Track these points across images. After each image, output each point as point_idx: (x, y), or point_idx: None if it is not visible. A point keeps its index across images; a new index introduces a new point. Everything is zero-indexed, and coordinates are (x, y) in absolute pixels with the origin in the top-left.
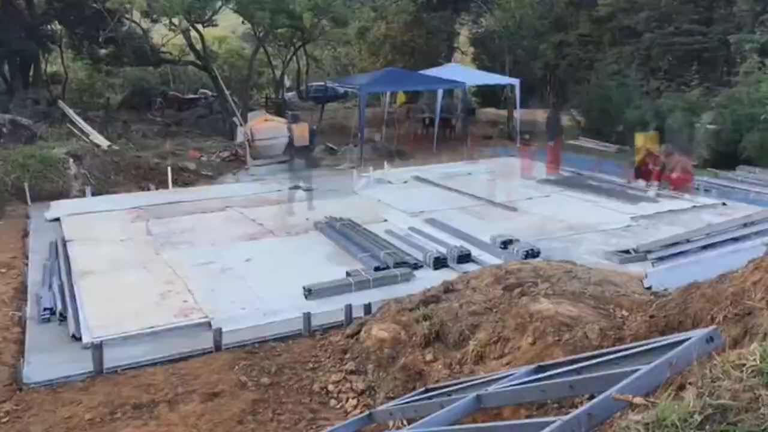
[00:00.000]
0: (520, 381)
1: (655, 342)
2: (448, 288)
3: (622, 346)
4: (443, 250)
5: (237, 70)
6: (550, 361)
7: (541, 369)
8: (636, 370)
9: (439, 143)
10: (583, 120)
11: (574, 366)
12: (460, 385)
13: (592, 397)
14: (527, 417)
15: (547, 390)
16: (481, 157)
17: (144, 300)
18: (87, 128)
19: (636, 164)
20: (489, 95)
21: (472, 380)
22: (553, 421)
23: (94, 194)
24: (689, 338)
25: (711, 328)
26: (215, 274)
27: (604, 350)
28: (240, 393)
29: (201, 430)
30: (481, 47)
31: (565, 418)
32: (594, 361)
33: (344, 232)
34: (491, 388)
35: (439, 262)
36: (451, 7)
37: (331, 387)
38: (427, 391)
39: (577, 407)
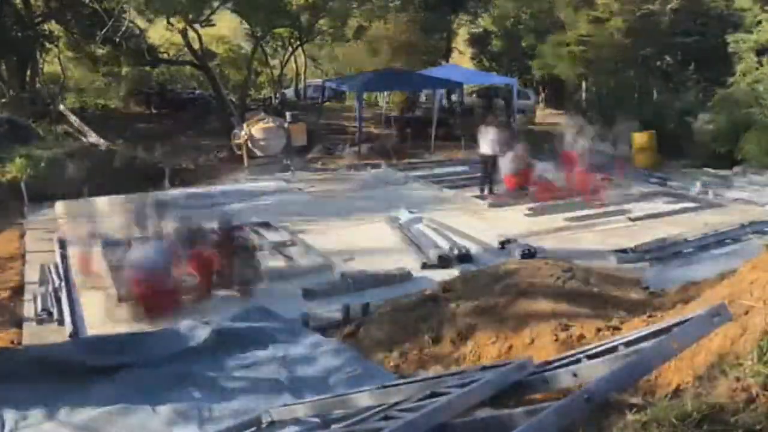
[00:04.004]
0: (524, 374)
1: (659, 325)
2: (446, 288)
3: (622, 335)
4: (442, 249)
5: (235, 70)
6: (552, 357)
7: (544, 365)
8: (640, 350)
9: (436, 143)
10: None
11: (576, 357)
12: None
13: None
14: None
15: (551, 380)
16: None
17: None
18: (84, 128)
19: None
20: (487, 95)
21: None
22: (548, 406)
23: (91, 194)
24: (694, 316)
25: (718, 303)
26: None
27: (604, 341)
28: None
29: None
30: (479, 47)
31: (563, 401)
32: (595, 350)
33: None
34: None
35: (438, 262)
36: (449, 6)
37: None
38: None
39: None
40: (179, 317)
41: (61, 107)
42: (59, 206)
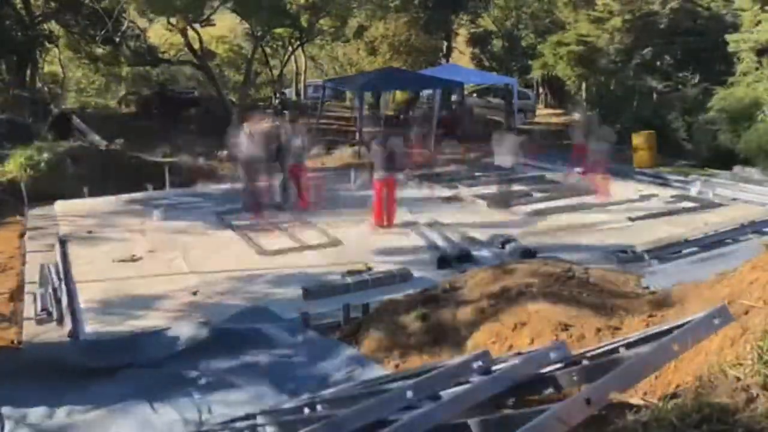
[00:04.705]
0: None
1: (660, 326)
2: (446, 288)
3: (623, 336)
4: (442, 249)
5: (235, 70)
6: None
7: None
8: (641, 352)
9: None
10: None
11: (576, 358)
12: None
13: None
14: None
15: (551, 381)
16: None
17: (143, 299)
18: (85, 128)
19: None
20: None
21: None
22: (549, 408)
23: (91, 194)
24: (694, 318)
25: (719, 305)
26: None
27: (605, 342)
28: None
29: None
30: (480, 47)
31: (563, 402)
32: (596, 352)
33: None
34: None
35: (438, 262)
36: (450, 6)
37: None
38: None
39: None
40: None
41: (62, 107)
42: (59, 206)
